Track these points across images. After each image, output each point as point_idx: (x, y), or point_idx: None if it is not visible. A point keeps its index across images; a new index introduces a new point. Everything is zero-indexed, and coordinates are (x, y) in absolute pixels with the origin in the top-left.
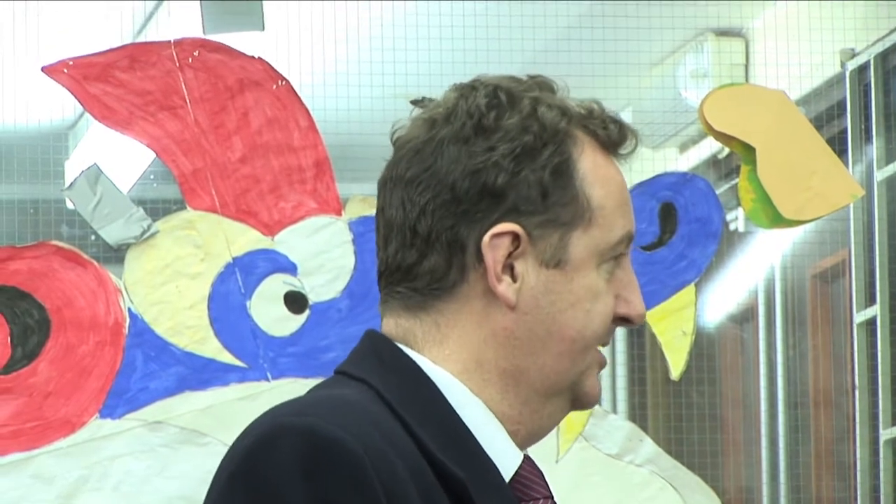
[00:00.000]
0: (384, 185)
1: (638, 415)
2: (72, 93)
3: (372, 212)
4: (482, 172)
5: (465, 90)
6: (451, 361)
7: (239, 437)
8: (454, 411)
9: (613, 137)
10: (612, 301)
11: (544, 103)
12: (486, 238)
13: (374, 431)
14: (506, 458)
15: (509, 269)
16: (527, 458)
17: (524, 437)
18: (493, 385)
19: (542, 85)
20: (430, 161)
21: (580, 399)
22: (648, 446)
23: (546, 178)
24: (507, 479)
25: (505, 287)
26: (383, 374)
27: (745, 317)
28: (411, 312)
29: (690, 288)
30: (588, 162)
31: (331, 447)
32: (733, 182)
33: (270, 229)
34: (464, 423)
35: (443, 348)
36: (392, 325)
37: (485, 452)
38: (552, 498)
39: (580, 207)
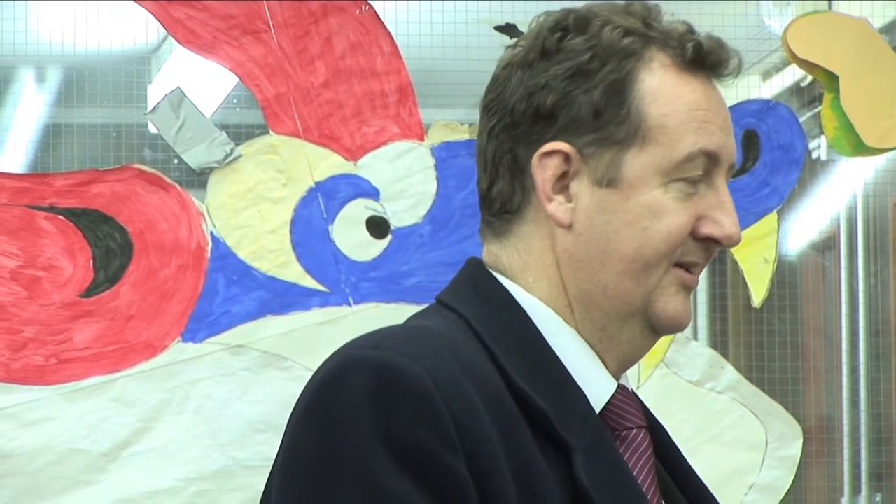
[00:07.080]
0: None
1: (719, 342)
2: (155, 17)
3: (454, 137)
4: (536, 94)
5: (543, 16)
6: (537, 289)
7: (317, 369)
8: (544, 340)
9: (689, 56)
10: (685, 220)
11: (612, 24)
12: (535, 158)
13: (453, 362)
14: (598, 387)
15: (565, 189)
16: (622, 388)
17: (611, 366)
18: (574, 311)
19: (628, 9)
20: (501, 87)
21: (656, 321)
22: (729, 373)
23: (598, 96)
24: (598, 408)
25: (555, 206)
26: (476, 302)
27: (826, 244)
28: (497, 239)
29: (773, 215)
30: (654, 80)
31: (399, 379)
32: (816, 110)
33: (353, 154)
34: (553, 353)
35: (527, 275)
36: (486, 252)
37: (574, 382)
38: (648, 427)
39: (633, 125)
